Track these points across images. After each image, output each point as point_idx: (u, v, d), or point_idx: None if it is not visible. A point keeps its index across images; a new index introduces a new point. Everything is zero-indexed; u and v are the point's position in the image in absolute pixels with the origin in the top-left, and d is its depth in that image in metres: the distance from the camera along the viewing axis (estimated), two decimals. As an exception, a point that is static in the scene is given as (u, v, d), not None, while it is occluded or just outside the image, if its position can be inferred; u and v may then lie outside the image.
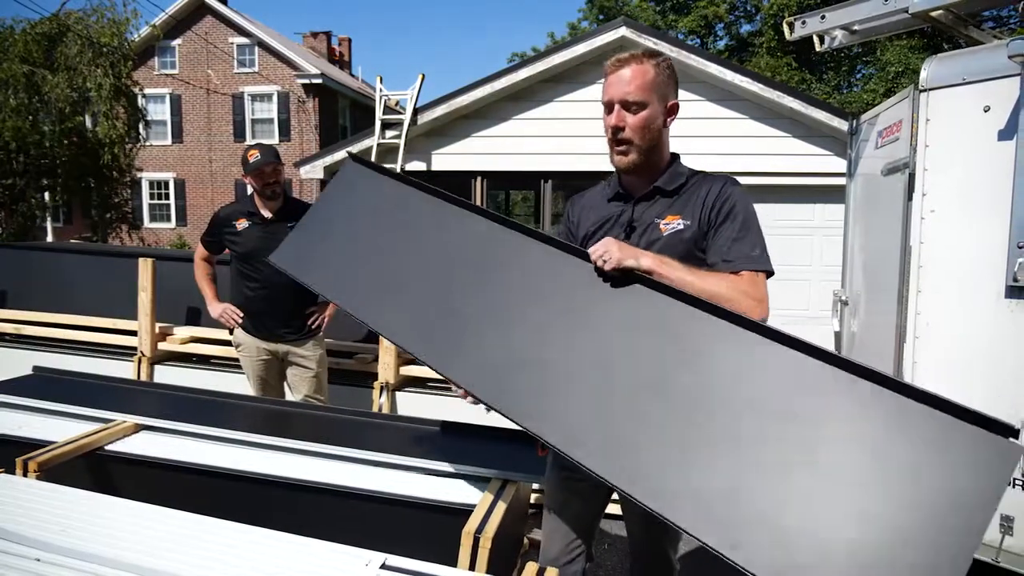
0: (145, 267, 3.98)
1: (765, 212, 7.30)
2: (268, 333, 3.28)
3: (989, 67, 2.89)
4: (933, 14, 3.21)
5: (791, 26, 3.89)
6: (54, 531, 1.88)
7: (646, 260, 1.55)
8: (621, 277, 1.56)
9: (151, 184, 20.96)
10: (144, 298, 3.99)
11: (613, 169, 1.87)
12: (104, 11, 12.89)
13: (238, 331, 3.32)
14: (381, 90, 8.54)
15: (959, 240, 3.06)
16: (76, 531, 1.89)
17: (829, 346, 4.67)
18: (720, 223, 1.68)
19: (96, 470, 2.62)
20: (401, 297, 1.88)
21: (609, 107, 1.74)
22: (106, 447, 2.66)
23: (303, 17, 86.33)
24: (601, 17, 26.11)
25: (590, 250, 1.59)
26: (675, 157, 1.85)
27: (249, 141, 20.78)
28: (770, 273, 1.67)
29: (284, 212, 3.23)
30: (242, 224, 3.22)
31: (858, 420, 1.35)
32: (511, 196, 17.71)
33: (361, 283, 1.98)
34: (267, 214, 3.22)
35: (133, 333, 4.08)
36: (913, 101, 3.15)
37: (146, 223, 20.43)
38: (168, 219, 21.28)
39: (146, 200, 21.07)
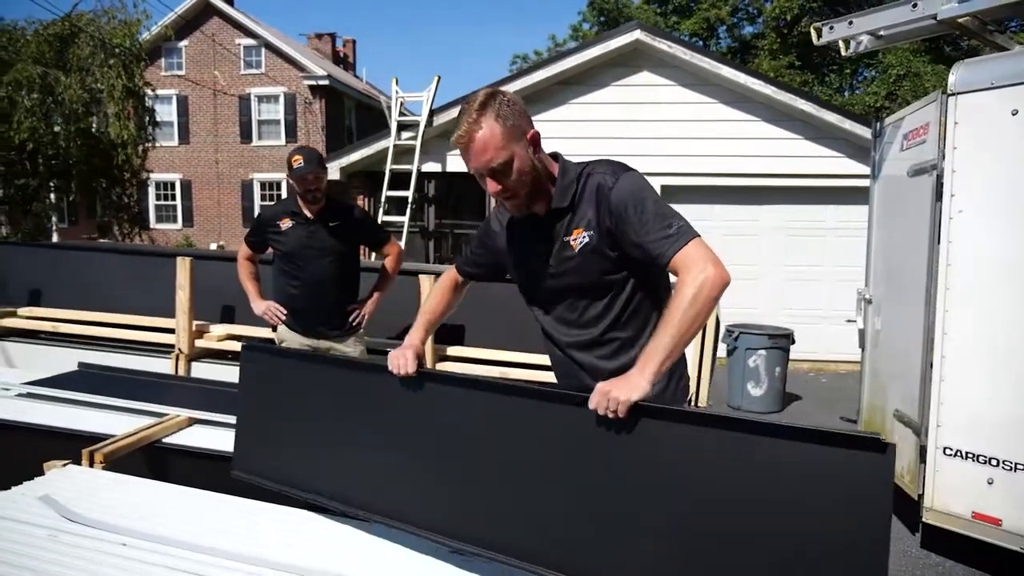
0: (183, 266, 4.06)
1: (778, 214, 7.43)
2: (311, 329, 3.36)
3: (1016, 72, 2.99)
4: (960, 21, 3.30)
5: (818, 31, 3.98)
6: (133, 518, 1.97)
7: (644, 380, 1.49)
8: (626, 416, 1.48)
9: (157, 185, 20.99)
10: (182, 296, 4.07)
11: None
12: (115, 12, 12.97)
13: (281, 328, 3.41)
14: (397, 92, 8.63)
15: (987, 239, 3.15)
16: (154, 518, 1.98)
17: (853, 343, 4.76)
18: (625, 225, 1.64)
19: (154, 461, 2.70)
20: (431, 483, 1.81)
21: (479, 175, 1.69)
22: (163, 440, 2.74)
23: (303, 18, 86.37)
24: (602, 19, 26.20)
25: (593, 405, 1.50)
26: (557, 160, 1.80)
27: (255, 142, 20.91)
28: (692, 235, 1.61)
29: (325, 212, 3.32)
30: (286, 224, 3.30)
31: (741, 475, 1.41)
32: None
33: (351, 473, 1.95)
34: (309, 215, 3.30)
35: (171, 331, 4.16)
36: (941, 105, 3.24)
37: (152, 224, 20.46)
38: (175, 220, 21.34)
39: (152, 201, 21.11)
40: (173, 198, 21.42)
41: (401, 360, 1.80)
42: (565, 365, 1.88)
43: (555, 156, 1.81)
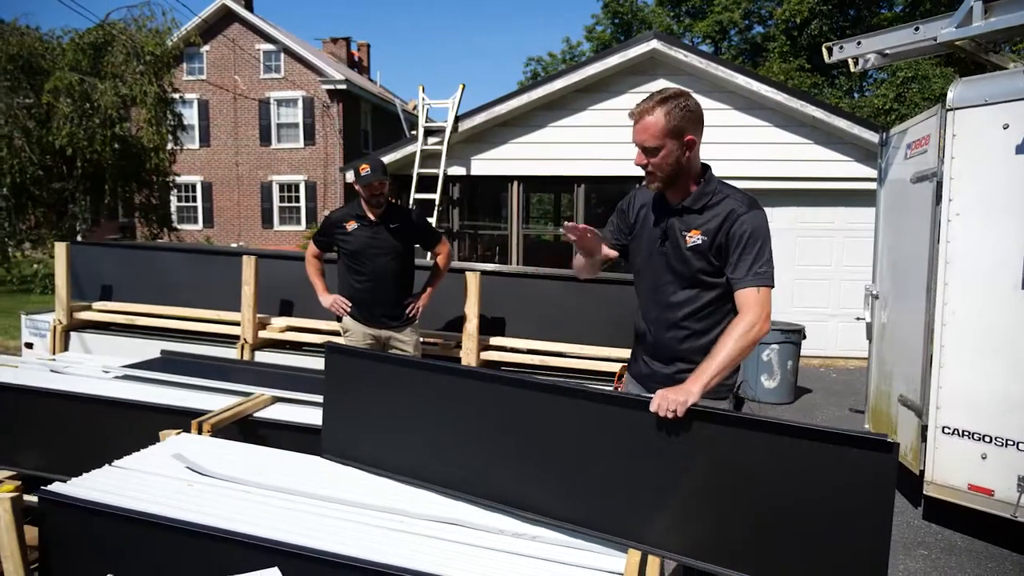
0: (248, 264, 4.45)
1: (788, 215, 7.83)
2: (373, 320, 3.75)
3: (1008, 90, 3.35)
4: (957, 43, 3.66)
5: (830, 50, 4.34)
6: (246, 472, 2.36)
7: (696, 387, 1.89)
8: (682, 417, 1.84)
9: (179, 187, 21.48)
10: (247, 291, 4.46)
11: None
12: (146, 20, 13.45)
13: (346, 319, 3.80)
14: (424, 99, 9.02)
15: (981, 239, 3.52)
16: (262, 472, 2.37)
17: (861, 340, 5.09)
18: (736, 246, 2.09)
19: (246, 431, 3.09)
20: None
21: (637, 146, 2.15)
22: (254, 414, 3.13)
23: (316, 22, 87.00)
24: (616, 21, 26.60)
25: (655, 408, 1.85)
26: (706, 172, 2.22)
27: (274, 144, 21.37)
28: (770, 284, 2.09)
29: (386, 215, 3.71)
30: (352, 226, 3.69)
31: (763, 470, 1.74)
32: (530, 197, 18.19)
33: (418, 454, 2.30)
34: (372, 217, 3.69)
35: (236, 323, 4.55)
36: (940, 119, 3.61)
37: (174, 225, 20.96)
38: (195, 221, 21.84)
39: (174, 202, 21.59)
40: (194, 199, 21.93)
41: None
42: (644, 335, 2.34)
43: (706, 167, 2.23)
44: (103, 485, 2.17)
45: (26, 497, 2.02)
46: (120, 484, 2.20)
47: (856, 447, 1.66)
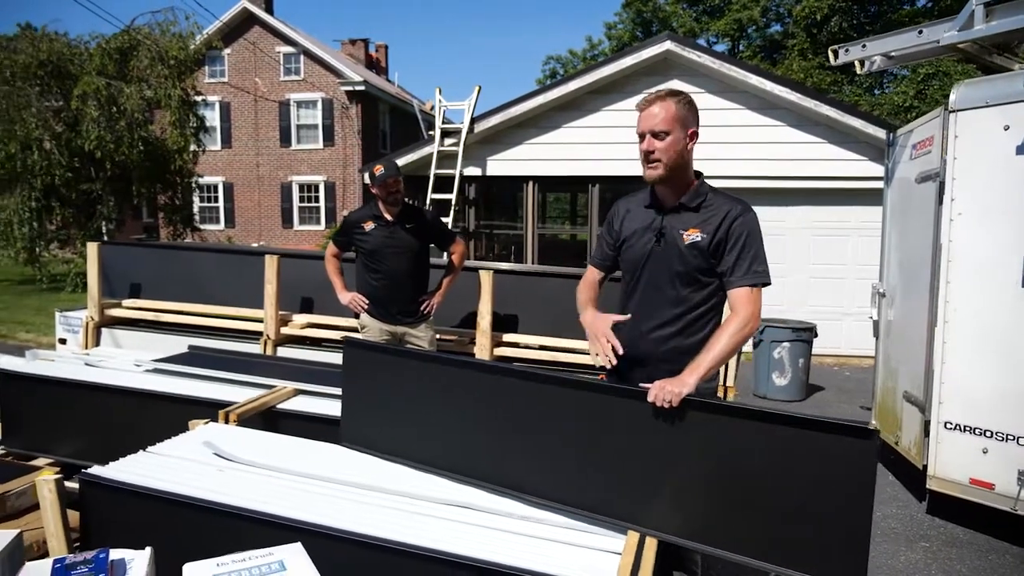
0: (271, 263, 4.62)
1: (802, 214, 7.84)
2: (389, 317, 3.90)
3: (1009, 92, 3.42)
4: (960, 46, 3.73)
5: (836, 53, 4.42)
6: (275, 459, 2.50)
7: (692, 379, 1.99)
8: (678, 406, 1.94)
9: (201, 188, 21.85)
10: (270, 289, 4.63)
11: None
12: (169, 25, 13.76)
13: (364, 315, 3.95)
14: (440, 101, 9.18)
15: (982, 239, 3.59)
16: (289, 459, 2.51)
17: (868, 333, 5.14)
18: (733, 245, 2.18)
19: (269, 422, 3.24)
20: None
21: (642, 137, 2.21)
22: (277, 406, 3.28)
23: (335, 24, 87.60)
24: (637, 19, 26.62)
25: (651, 398, 1.96)
26: (699, 176, 2.31)
27: (294, 145, 21.69)
28: (767, 283, 2.19)
29: (402, 215, 3.85)
30: (369, 226, 3.84)
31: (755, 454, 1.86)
32: (546, 197, 18.27)
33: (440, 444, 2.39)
34: (389, 217, 3.84)
35: (258, 320, 4.73)
36: (944, 120, 3.68)
37: (196, 225, 21.34)
38: (217, 221, 22.21)
39: (196, 203, 21.97)
40: (216, 200, 22.30)
41: (604, 338, 2.24)
42: (630, 331, 2.37)
43: (698, 173, 2.33)
44: (139, 469, 2.30)
45: (67, 483, 2.17)
46: (155, 468, 2.33)
47: (839, 434, 1.76)
